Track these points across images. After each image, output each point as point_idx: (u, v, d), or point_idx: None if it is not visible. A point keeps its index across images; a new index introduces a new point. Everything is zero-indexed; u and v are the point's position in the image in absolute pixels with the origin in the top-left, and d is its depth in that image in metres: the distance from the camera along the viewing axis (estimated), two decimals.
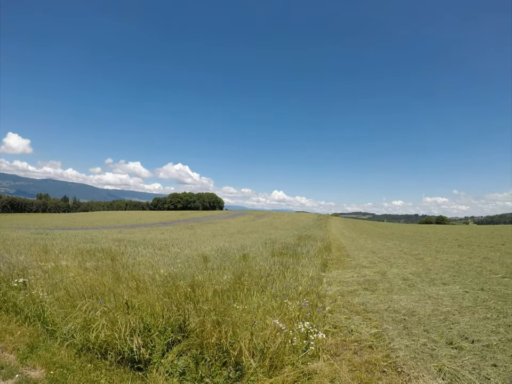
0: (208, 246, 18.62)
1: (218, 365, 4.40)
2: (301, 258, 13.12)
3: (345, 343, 5.37)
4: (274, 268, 10.16)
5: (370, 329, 5.96)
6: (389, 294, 8.60)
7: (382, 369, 4.41)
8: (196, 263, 11.52)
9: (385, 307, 7.40)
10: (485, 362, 4.54)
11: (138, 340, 4.83)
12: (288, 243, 19.57)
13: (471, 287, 9.16)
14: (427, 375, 4.15)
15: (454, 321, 6.36)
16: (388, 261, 14.86)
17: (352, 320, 6.45)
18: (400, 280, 10.43)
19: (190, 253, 14.86)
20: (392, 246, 23.11)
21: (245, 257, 12.63)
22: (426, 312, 6.93)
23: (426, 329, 5.90)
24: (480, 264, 13.26)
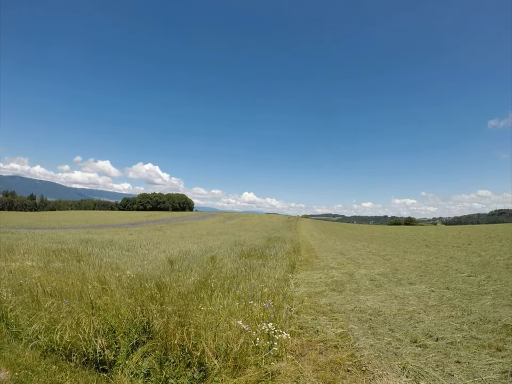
0: (177, 247, 18.59)
1: (183, 365, 4.45)
2: (269, 260, 13.29)
3: (310, 344, 5.52)
4: (241, 270, 10.29)
5: (336, 329, 6.16)
6: (356, 295, 8.88)
7: (347, 369, 4.58)
8: (163, 264, 11.57)
9: (352, 307, 7.65)
10: (448, 359, 4.79)
11: (103, 341, 4.84)
12: (257, 245, 19.79)
13: (437, 286, 9.58)
14: (391, 373, 4.36)
15: (419, 320, 6.66)
16: (356, 262, 15.26)
17: (318, 321, 6.64)
18: (367, 280, 10.76)
19: (157, 255, 14.90)
20: (360, 247, 23.69)
21: (212, 259, 12.73)
22: (392, 312, 7.22)
23: (391, 328, 6.16)
24: (446, 264, 13.84)
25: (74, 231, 35.49)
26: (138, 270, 10.02)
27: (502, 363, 4.56)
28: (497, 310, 7.05)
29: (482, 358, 4.75)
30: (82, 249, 15.51)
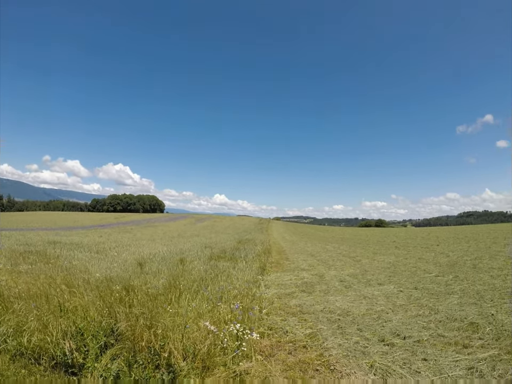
0: (147, 249, 18.34)
1: (152, 367, 4.40)
2: (239, 262, 13.29)
3: (280, 344, 5.54)
4: (210, 272, 10.25)
5: (305, 330, 6.21)
6: (326, 296, 8.97)
7: (315, 368, 4.61)
8: (132, 267, 11.43)
9: (321, 308, 7.72)
10: (415, 357, 4.90)
11: (71, 344, 4.72)
12: (227, 247, 19.75)
13: (406, 286, 9.80)
14: (359, 372, 4.43)
15: (387, 319, 6.78)
16: (327, 264, 15.43)
17: (287, 322, 6.67)
18: (337, 281, 10.89)
19: (127, 257, 14.69)
20: (331, 249, 24.00)
21: (182, 261, 12.65)
22: (360, 312, 7.33)
23: (359, 328, 6.26)
24: (415, 265, 14.18)
25: (43, 233, 34.48)
26: (108, 272, 9.88)
27: (468, 359, 4.69)
28: (464, 309, 7.26)
29: (449, 355, 4.87)
30: (51, 252, 15.20)
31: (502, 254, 15.84)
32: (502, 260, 13.88)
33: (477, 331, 5.89)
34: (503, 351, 4.91)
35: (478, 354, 4.86)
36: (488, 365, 4.49)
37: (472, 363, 4.56)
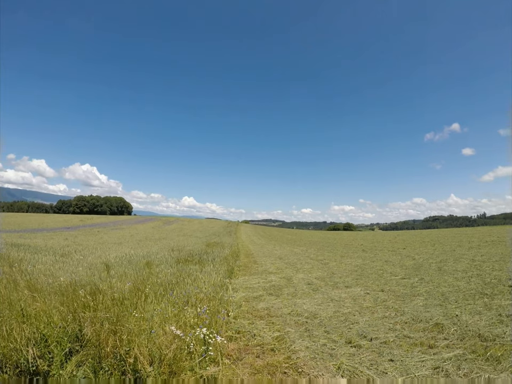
0: (113, 253, 17.92)
1: (118, 374, 4.29)
2: (207, 265, 13.20)
3: (247, 348, 5.52)
4: (177, 275, 10.12)
5: (273, 333, 6.21)
6: (293, 298, 9.00)
7: (283, 371, 4.61)
8: (98, 270, 11.12)
9: (289, 311, 7.74)
10: (382, 358, 4.98)
11: (35, 351, 4.53)
12: (196, 250, 19.57)
13: (372, 289, 9.97)
14: (326, 373, 4.45)
15: (354, 321, 6.87)
16: (294, 267, 15.52)
17: (255, 325, 6.65)
18: (305, 284, 10.95)
19: (93, 260, 14.29)
20: (299, 252, 24.18)
21: (148, 265, 12.44)
22: (328, 314, 7.40)
23: (327, 330, 6.31)
24: (381, 267, 14.45)
25: (5, 235, 33.20)
26: (73, 276, 9.57)
27: (434, 359, 4.80)
28: (429, 310, 7.44)
29: (415, 356, 4.98)
30: (14, 255, 14.62)
31: (466, 257, 16.36)
32: (466, 263, 14.34)
33: (442, 331, 6.04)
34: (468, 351, 5.07)
35: (443, 354, 4.99)
36: (453, 364, 4.61)
37: (438, 363, 4.67)
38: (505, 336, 5.56)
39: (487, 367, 4.49)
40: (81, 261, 14.16)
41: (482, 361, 4.67)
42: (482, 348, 5.17)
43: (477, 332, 5.87)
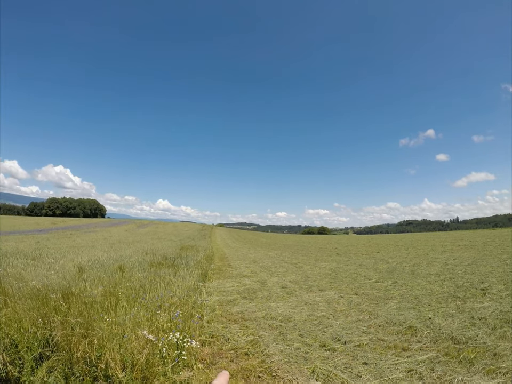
0: (86, 256, 17.56)
1: (89, 379, 4.20)
2: (180, 269, 13.08)
3: (221, 352, 5.47)
4: (150, 279, 10.00)
5: (247, 336, 6.17)
6: (267, 302, 8.99)
7: (257, 375, 4.60)
8: (70, 274, 10.87)
9: (263, 315, 7.72)
10: (356, 361, 5.01)
11: (5, 356, 4.38)
12: (169, 253, 19.39)
13: (346, 292, 10.05)
14: (301, 377, 4.45)
15: (328, 324, 6.90)
16: (269, 270, 15.53)
17: (229, 329, 6.61)
18: (279, 288, 10.96)
19: (65, 264, 13.99)
20: (274, 255, 24.22)
21: (121, 268, 12.25)
22: (302, 318, 7.41)
23: (301, 334, 6.31)
24: (355, 271, 14.60)
25: None
26: (44, 280, 9.34)
27: (408, 362, 4.86)
28: (402, 313, 7.54)
29: (389, 359, 5.02)
30: None
31: (439, 261, 16.70)
32: (439, 266, 14.64)
33: (416, 334, 6.12)
34: (441, 353, 5.15)
35: (417, 356, 5.05)
36: (427, 367, 4.67)
37: (412, 365, 4.73)
38: (477, 339, 5.67)
39: (460, 369, 4.57)
40: (53, 264, 13.90)
41: (455, 364, 4.75)
42: (455, 350, 5.26)
43: (450, 334, 5.97)
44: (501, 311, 7.20)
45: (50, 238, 38.09)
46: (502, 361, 4.70)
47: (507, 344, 5.32)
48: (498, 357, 4.87)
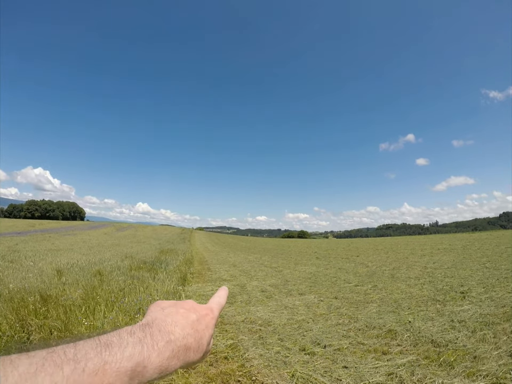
0: (65, 259, 17.32)
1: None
2: (160, 272, 12.99)
3: None
4: (129, 283, 9.90)
5: (226, 340, 6.11)
6: (247, 306, 8.93)
7: (237, 379, 4.55)
8: (49, 277, 10.73)
9: (242, 318, 7.67)
10: (336, 365, 4.99)
11: None
12: (149, 257, 19.32)
13: (326, 296, 10.06)
14: (280, 381, 4.42)
15: (307, 328, 6.88)
16: (248, 274, 15.47)
17: None
18: (258, 292, 10.91)
19: (44, 267, 13.80)
20: (253, 259, 24.17)
21: (100, 272, 12.12)
22: (281, 322, 7.38)
23: (280, 338, 6.27)
24: (335, 275, 14.65)
25: None
26: (23, 283, 9.20)
27: (388, 366, 4.86)
28: (382, 317, 7.58)
29: (369, 362, 5.02)
30: None
31: (418, 264, 16.91)
32: (419, 270, 14.81)
33: (395, 338, 6.15)
34: (421, 356, 5.17)
35: (397, 360, 5.06)
36: (407, 370, 4.68)
37: (392, 369, 4.73)
38: (457, 342, 5.73)
39: (441, 372, 4.59)
40: (31, 267, 13.74)
41: (435, 367, 4.77)
42: (435, 353, 5.29)
43: (430, 337, 6.02)
44: (480, 314, 7.30)
45: (28, 241, 37.49)
46: (482, 364, 4.75)
47: (487, 347, 5.39)
48: (478, 360, 4.92)
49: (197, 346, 0.62)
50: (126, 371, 0.50)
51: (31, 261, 16.13)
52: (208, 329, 0.67)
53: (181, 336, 0.60)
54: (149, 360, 0.51)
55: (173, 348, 0.57)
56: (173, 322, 0.62)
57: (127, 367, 0.50)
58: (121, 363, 0.50)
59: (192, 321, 0.65)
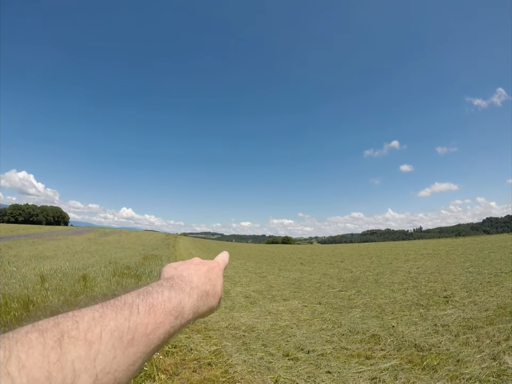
0: (48, 264, 17.02)
1: None
2: (143, 278, 12.87)
3: (184, 362, 5.36)
4: (112, 289, 9.79)
5: (210, 347, 6.07)
6: (231, 312, 8.89)
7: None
8: (32, 283, 10.54)
9: (226, 324, 7.63)
10: (319, 370, 4.99)
11: None
12: (133, 263, 19.09)
13: (310, 302, 10.08)
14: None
15: (291, 334, 6.87)
16: (233, 280, 15.40)
17: (192, 339, 6.48)
18: (242, 298, 10.87)
19: (27, 272, 13.52)
20: (237, 265, 24.09)
21: (84, 278, 11.92)
22: (265, 328, 7.36)
23: (264, 344, 6.26)
24: (319, 280, 14.69)
25: None
26: (6, 288, 9.04)
27: (371, 370, 4.88)
28: (366, 322, 7.61)
29: (352, 367, 5.03)
30: None
31: (402, 270, 17.02)
32: (402, 275, 14.92)
33: (379, 343, 6.18)
34: (404, 361, 5.21)
35: (380, 364, 5.09)
36: (390, 374, 4.71)
37: (375, 373, 4.75)
38: (440, 346, 5.78)
39: (424, 376, 4.63)
40: (14, 273, 13.48)
41: (419, 371, 4.81)
42: (418, 357, 5.33)
43: (413, 342, 6.06)
44: (463, 318, 7.37)
45: (12, 246, 36.88)
46: (465, 367, 4.80)
47: (470, 350, 5.44)
48: (461, 363, 4.96)
49: (213, 292, 0.75)
50: (170, 310, 0.58)
51: (15, 267, 15.91)
52: (219, 278, 0.81)
53: (200, 283, 0.72)
54: (184, 301, 0.62)
55: (197, 292, 0.68)
56: (189, 274, 0.73)
57: (170, 307, 0.58)
58: (165, 304, 0.58)
59: (204, 272, 0.77)
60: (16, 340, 0.54)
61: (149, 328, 0.54)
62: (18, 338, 0.54)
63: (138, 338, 0.53)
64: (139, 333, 0.53)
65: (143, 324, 0.54)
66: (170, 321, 0.57)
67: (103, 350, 0.51)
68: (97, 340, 0.52)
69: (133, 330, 0.53)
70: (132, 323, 0.53)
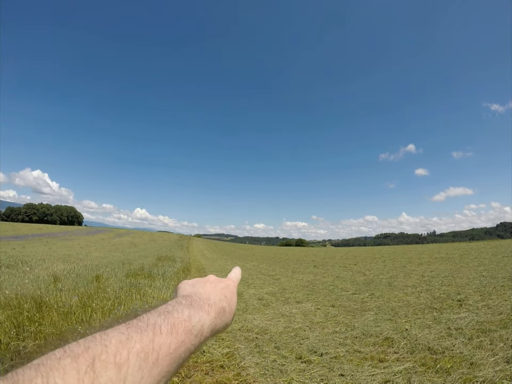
0: (62, 265, 17.26)
1: None
2: (157, 279, 12.94)
3: (197, 365, 5.37)
4: (125, 290, 9.84)
5: (222, 349, 6.07)
6: (244, 314, 8.89)
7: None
8: (45, 283, 10.71)
9: (239, 327, 7.63)
10: (332, 373, 4.96)
11: None
12: (146, 264, 19.23)
13: (323, 304, 10.03)
14: None
15: (304, 336, 6.85)
16: (246, 282, 15.41)
17: None
18: (255, 300, 10.87)
19: (40, 272, 13.74)
20: (251, 267, 24.11)
21: (97, 278, 12.01)
22: (278, 330, 7.34)
23: (277, 346, 6.24)
24: (332, 283, 14.62)
25: None
26: (19, 289, 9.16)
27: (384, 373, 4.84)
28: (379, 325, 7.55)
29: (365, 370, 5.00)
30: None
31: (416, 273, 16.86)
32: (416, 278, 14.77)
33: (392, 345, 6.13)
34: (418, 364, 5.15)
35: (393, 367, 5.04)
36: (403, 377, 4.66)
37: (388, 376, 4.71)
38: (454, 349, 5.71)
39: (437, 379, 4.58)
40: (27, 273, 13.68)
41: (432, 374, 4.76)
42: (432, 360, 5.28)
43: (427, 345, 6.00)
44: (477, 321, 7.28)
45: (26, 245, 37.46)
46: (479, 370, 4.74)
47: (484, 354, 5.37)
48: (475, 366, 4.90)
49: (229, 309, 0.75)
50: (190, 329, 0.57)
51: (28, 267, 16.09)
52: (234, 295, 0.82)
53: (217, 300, 0.72)
54: (203, 318, 0.62)
55: (215, 309, 0.68)
56: (206, 292, 0.73)
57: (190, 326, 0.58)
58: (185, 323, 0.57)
59: (220, 289, 0.78)
60: (51, 367, 0.56)
61: (172, 347, 0.56)
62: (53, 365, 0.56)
63: (162, 358, 0.55)
64: (163, 353, 0.55)
65: (166, 344, 0.56)
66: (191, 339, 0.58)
67: (131, 371, 0.55)
68: (125, 362, 0.55)
69: (157, 351, 0.55)
70: (155, 344, 0.55)
